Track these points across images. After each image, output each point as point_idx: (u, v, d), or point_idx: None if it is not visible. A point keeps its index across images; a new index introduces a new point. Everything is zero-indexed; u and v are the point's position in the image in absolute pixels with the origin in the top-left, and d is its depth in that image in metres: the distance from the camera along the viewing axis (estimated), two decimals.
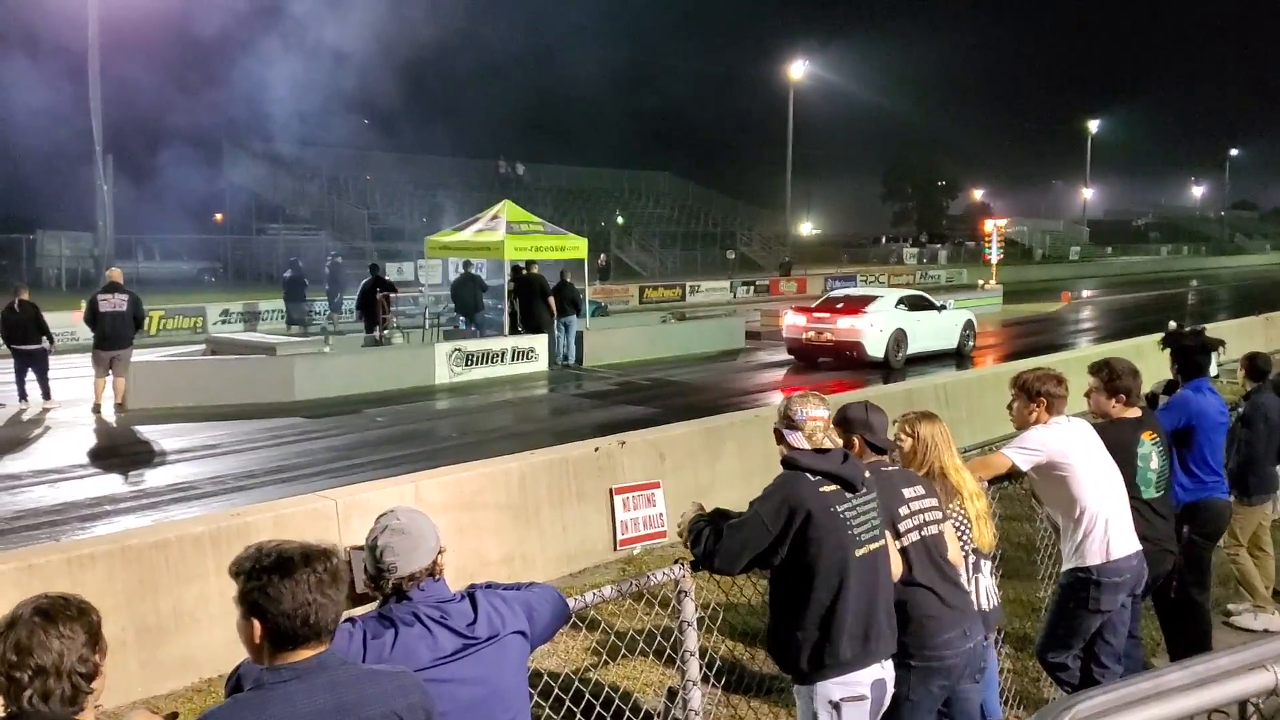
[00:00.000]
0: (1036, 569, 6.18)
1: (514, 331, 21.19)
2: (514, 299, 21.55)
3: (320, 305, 29.94)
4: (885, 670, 3.75)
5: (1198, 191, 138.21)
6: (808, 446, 3.78)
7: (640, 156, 74.88)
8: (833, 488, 3.70)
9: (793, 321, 21.68)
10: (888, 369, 20.24)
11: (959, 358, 22.41)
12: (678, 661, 3.94)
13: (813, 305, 22.69)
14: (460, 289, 22.72)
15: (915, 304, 22.02)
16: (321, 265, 32.42)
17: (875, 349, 20.35)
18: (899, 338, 20.70)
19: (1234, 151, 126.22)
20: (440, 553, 2.88)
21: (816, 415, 3.82)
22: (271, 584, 2.33)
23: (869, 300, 21.57)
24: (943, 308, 22.81)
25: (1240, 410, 6.62)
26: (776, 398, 17.47)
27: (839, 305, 21.55)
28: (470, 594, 2.94)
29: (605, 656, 5.93)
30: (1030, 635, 5.87)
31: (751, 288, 45.80)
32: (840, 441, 3.85)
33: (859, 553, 3.68)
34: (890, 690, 3.80)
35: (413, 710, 2.46)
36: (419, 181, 56.36)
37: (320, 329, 26.16)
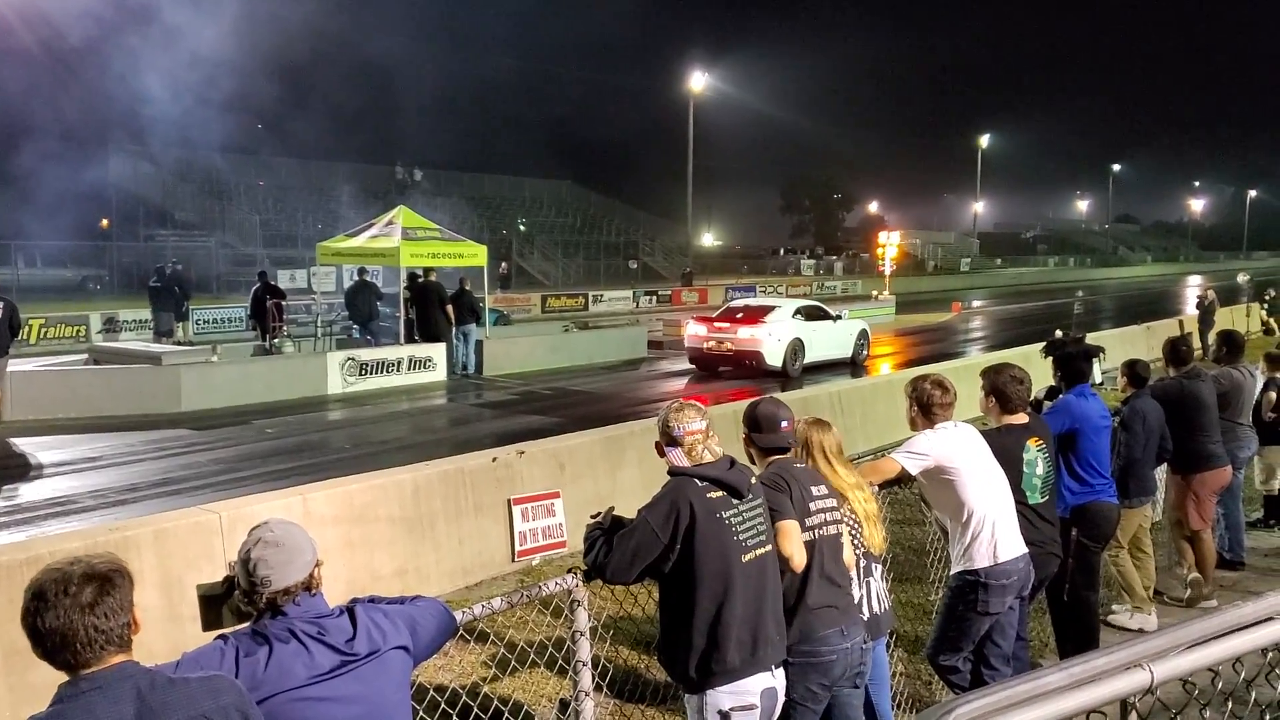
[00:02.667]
0: (927, 572, 6.27)
1: (410, 340, 20.86)
2: (410, 307, 21.23)
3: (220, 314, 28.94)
4: (776, 679, 3.74)
5: (1083, 205, 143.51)
6: (687, 463, 3.77)
7: (541, 165, 74.69)
8: (719, 493, 3.69)
9: (694, 331, 21.98)
10: (785, 377, 20.66)
11: (853, 366, 22.96)
12: (569, 672, 3.88)
13: (713, 315, 23.02)
14: (354, 296, 22.30)
15: (811, 314, 22.51)
16: (206, 271, 31.30)
17: (774, 358, 20.79)
18: (796, 347, 21.19)
19: (1117, 167, 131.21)
20: (317, 566, 2.78)
21: (695, 429, 3.80)
22: (34, 609, 2.34)
23: (767, 310, 21.99)
24: (838, 318, 23.33)
25: (1121, 415, 6.81)
26: None
27: (739, 315, 21.86)
28: (350, 609, 2.84)
29: (496, 670, 5.83)
30: (922, 638, 5.94)
31: (654, 297, 45.97)
32: (720, 451, 3.83)
33: (745, 558, 3.67)
34: (780, 699, 3.79)
35: (224, 711, 2.37)
36: (313, 187, 55.36)
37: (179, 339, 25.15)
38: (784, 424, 4.24)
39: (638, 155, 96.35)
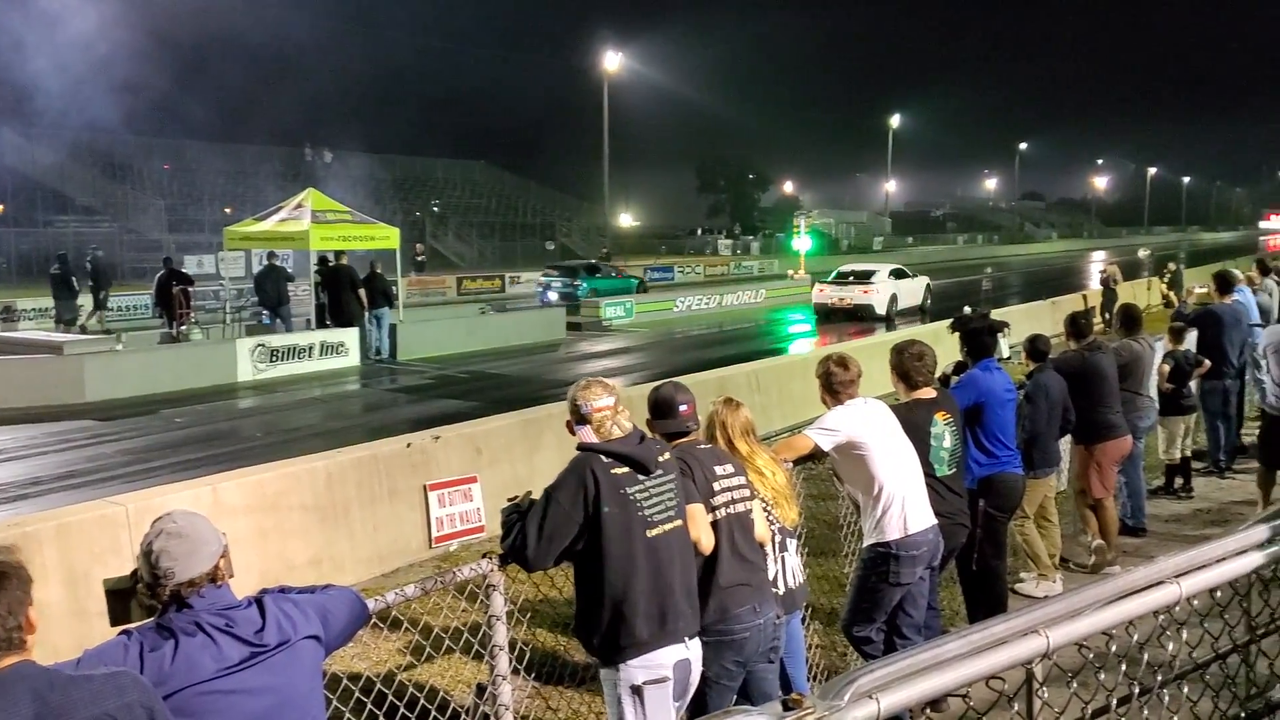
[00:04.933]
0: (841, 545, 6.37)
1: (322, 325, 20.54)
2: (322, 291, 20.88)
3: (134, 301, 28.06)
4: (690, 650, 3.77)
5: (990, 183, 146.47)
6: (596, 440, 3.77)
7: (454, 146, 73.91)
8: (624, 470, 3.70)
9: (820, 292, 29.17)
10: (888, 320, 27.43)
11: (922, 313, 29.26)
12: (486, 657, 3.86)
13: (828, 281, 29.64)
14: (263, 281, 21.85)
15: (898, 274, 29.89)
16: (110, 258, 30.38)
17: (880, 308, 27.95)
18: (892, 299, 28.55)
19: (1023, 145, 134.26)
20: (223, 557, 2.72)
21: (603, 405, 3.81)
22: None
23: (871, 274, 29.41)
24: (915, 276, 30.54)
25: (1025, 389, 6.98)
26: None
27: (850, 279, 29.14)
28: (258, 600, 2.79)
29: (413, 657, 5.80)
30: (837, 610, 6.04)
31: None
32: (629, 426, 3.85)
33: (651, 534, 3.69)
34: (696, 670, 3.83)
35: (129, 709, 2.30)
36: (220, 170, 53.99)
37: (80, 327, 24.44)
38: (683, 408, 4.26)
39: (552, 135, 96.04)
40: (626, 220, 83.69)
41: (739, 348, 22.72)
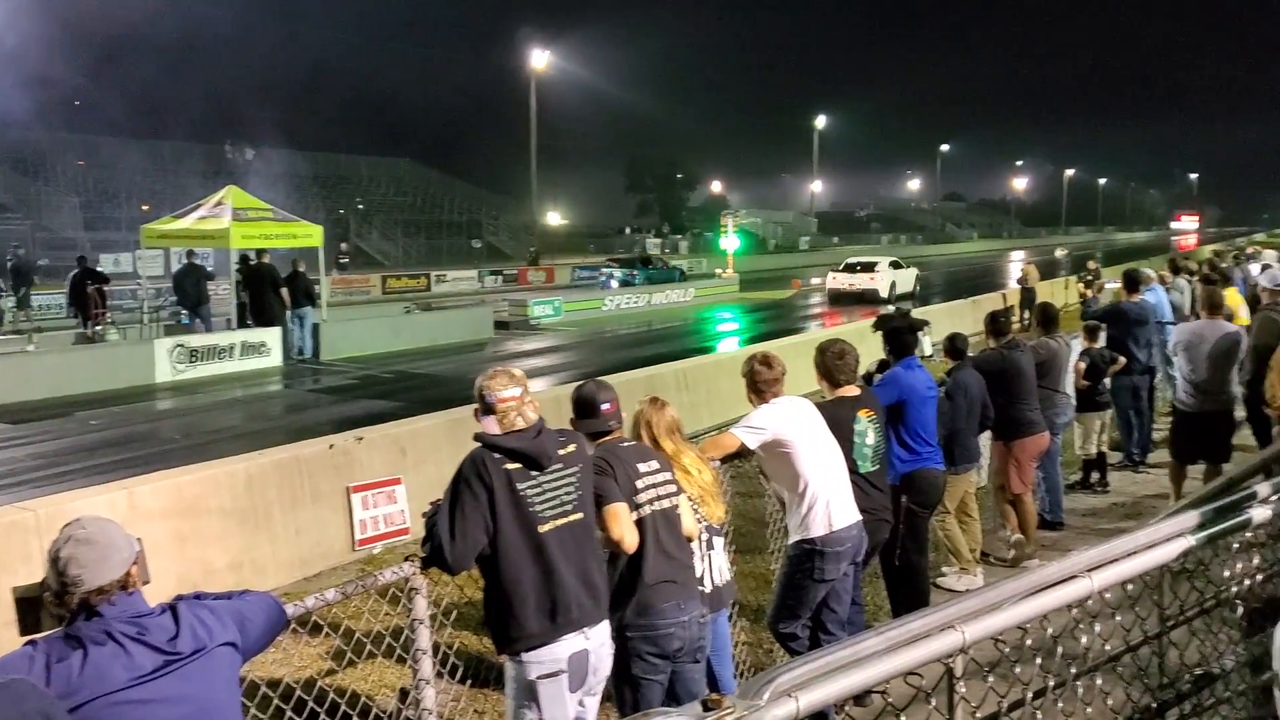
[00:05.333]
0: (767, 542, 6.41)
1: (243, 325, 20.17)
2: (243, 290, 20.50)
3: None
4: (589, 641, 3.76)
5: (913, 184, 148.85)
6: (498, 430, 3.75)
7: (379, 143, 73.01)
8: (515, 465, 3.69)
9: (833, 280, 34.89)
10: (889, 302, 30.85)
11: (913, 298, 34.02)
12: (409, 661, 3.82)
13: (840, 266, 36.02)
14: (183, 280, 21.42)
15: (895, 265, 35.99)
16: (28, 256, 29.52)
17: (884, 292, 33.34)
18: (892, 285, 34.16)
19: (944, 147, 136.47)
20: (135, 563, 2.64)
21: (508, 396, 3.79)
22: None
23: (874, 265, 35.37)
24: (908, 267, 37.00)
25: (945, 387, 7.09)
26: (532, 386, 17.43)
27: (858, 268, 35.22)
28: (172, 607, 2.72)
29: (335, 662, 5.71)
30: (764, 607, 6.06)
31: (500, 277, 45.54)
32: (534, 418, 3.82)
33: (544, 529, 3.69)
34: (602, 659, 3.82)
35: (25, 718, 2.23)
36: (137, 167, 52.66)
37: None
38: (605, 406, 4.26)
39: (479, 133, 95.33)
40: (555, 219, 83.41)
41: (668, 346, 22.82)
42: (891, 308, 13.51)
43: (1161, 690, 2.67)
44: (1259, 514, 2.66)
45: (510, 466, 3.67)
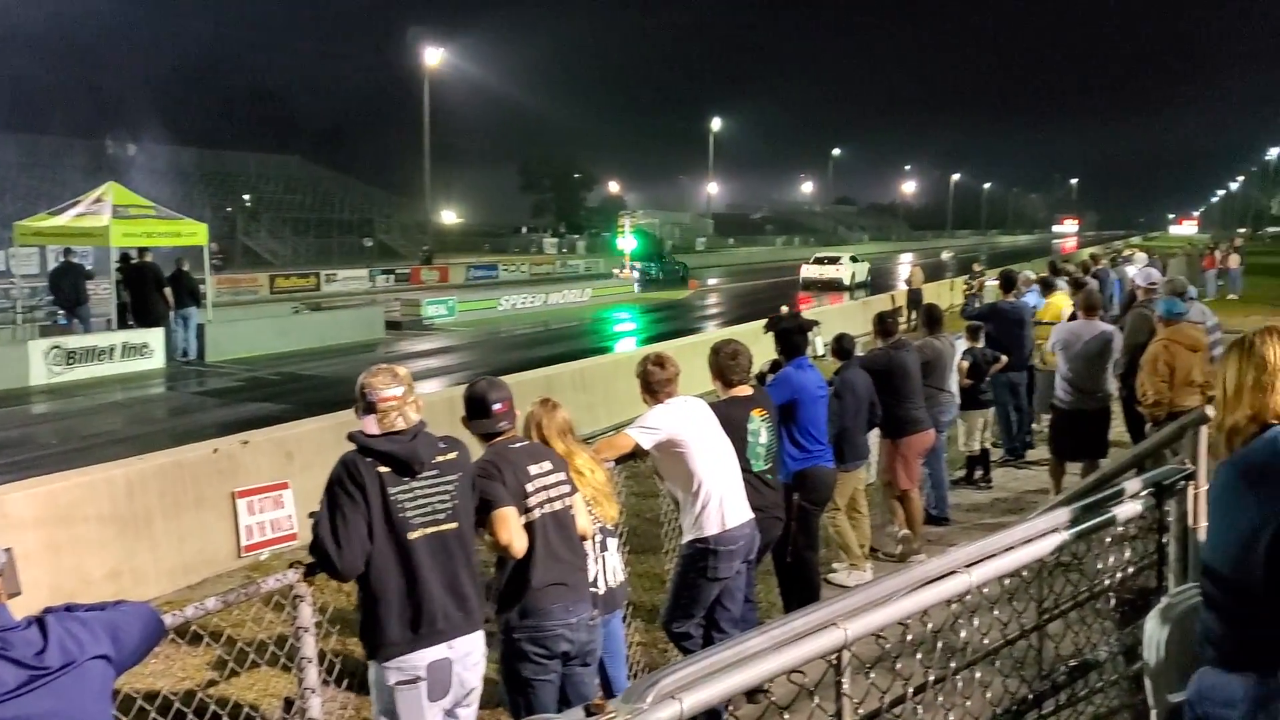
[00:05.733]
0: (662, 542, 6.43)
1: (124, 325, 19.50)
2: (124, 290, 19.82)
3: None
4: (453, 651, 3.71)
5: (806, 187, 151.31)
6: (377, 431, 3.68)
7: (269, 140, 71.25)
8: (387, 469, 3.63)
9: (806, 269, 43.08)
10: (849, 289, 39.05)
11: (867, 286, 40.26)
12: (294, 669, 3.72)
13: (811, 260, 44.61)
14: (60, 279, 20.59)
15: (854, 259, 44.44)
16: None
17: (846, 280, 41.29)
18: (853, 275, 41.98)
19: (836, 151, 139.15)
20: (1, 574, 2.52)
21: (390, 395, 3.71)
22: None
23: (839, 258, 44.46)
24: (861, 261, 45.37)
25: (833, 386, 7.20)
26: (423, 387, 17.20)
27: (825, 260, 44.23)
28: (39, 619, 2.59)
29: (216, 672, 5.54)
30: (660, 607, 6.08)
31: (392, 276, 44.81)
32: (415, 419, 3.75)
33: (413, 536, 3.63)
34: (470, 671, 3.77)
35: None
36: (11, 163, 50.40)
37: None
38: (496, 406, 4.19)
39: (371, 131, 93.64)
40: (449, 217, 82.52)
41: (565, 346, 22.74)
42: (784, 309, 13.70)
43: (1038, 681, 2.75)
44: (1124, 511, 2.76)
45: (382, 470, 3.60)
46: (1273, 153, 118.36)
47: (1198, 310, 9.02)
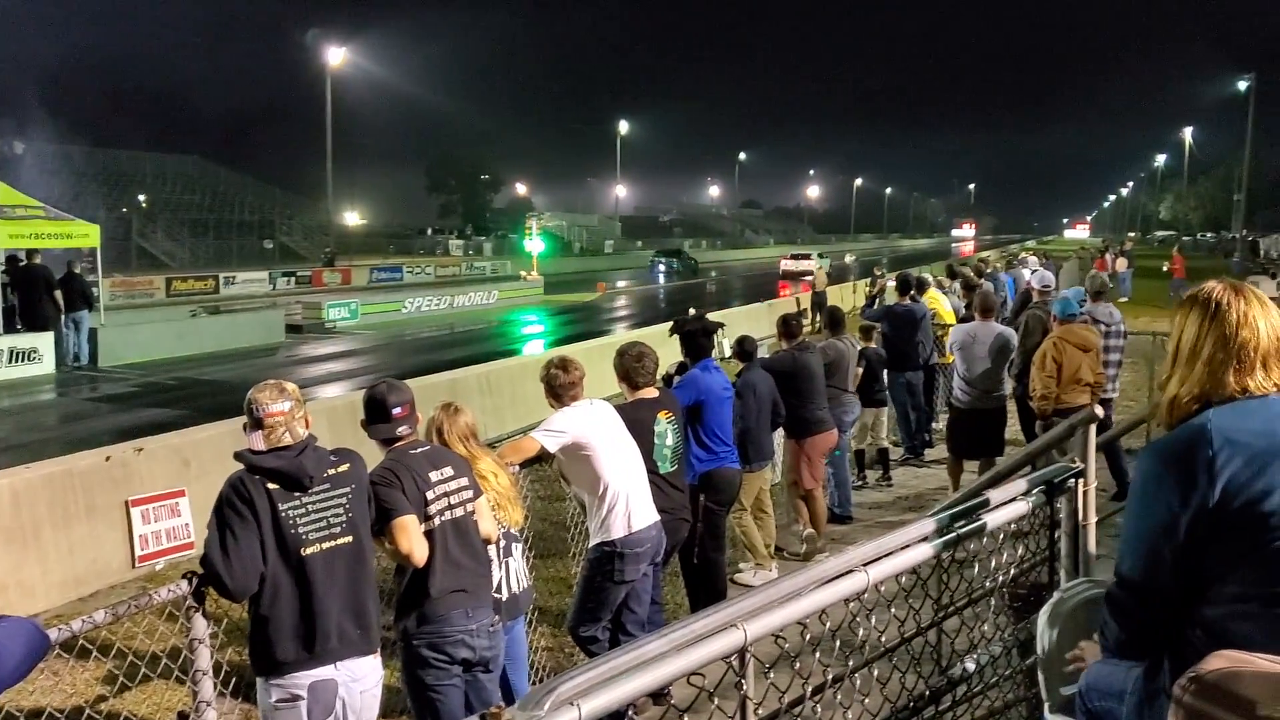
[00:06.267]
0: (569, 546, 6.41)
1: (12, 330, 18.78)
2: (11, 293, 19.12)
3: None
4: (339, 672, 3.62)
5: (714, 191, 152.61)
6: (263, 447, 3.59)
7: (166, 139, 69.35)
8: (276, 486, 3.55)
9: (785, 263, 51.51)
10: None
11: (829, 278, 40.87)
12: (188, 682, 3.61)
13: (789, 256, 53.74)
14: None
15: (821, 256, 52.65)
16: None
17: (814, 270, 39.96)
18: (820, 268, 40.47)
19: (742, 156, 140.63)
20: None
21: (277, 410, 3.62)
22: None
23: (809, 255, 52.85)
24: (825, 257, 52.90)
25: (736, 387, 7.26)
26: (325, 391, 16.89)
27: (799, 256, 53.21)
28: None
29: (108, 687, 5.36)
30: (567, 611, 6.06)
31: (293, 279, 43.95)
32: (302, 434, 3.67)
33: (308, 551, 3.56)
34: (356, 697, 3.67)
35: None
36: None
37: None
38: (396, 410, 4.11)
39: (272, 130, 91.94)
40: (353, 219, 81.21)
41: (471, 349, 22.55)
42: (693, 310, 13.78)
43: (936, 677, 2.80)
44: (1015, 509, 2.83)
45: (271, 487, 3.53)
46: (1160, 160, 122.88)
47: (1105, 310, 9.23)
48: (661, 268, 54.92)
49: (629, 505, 5.10)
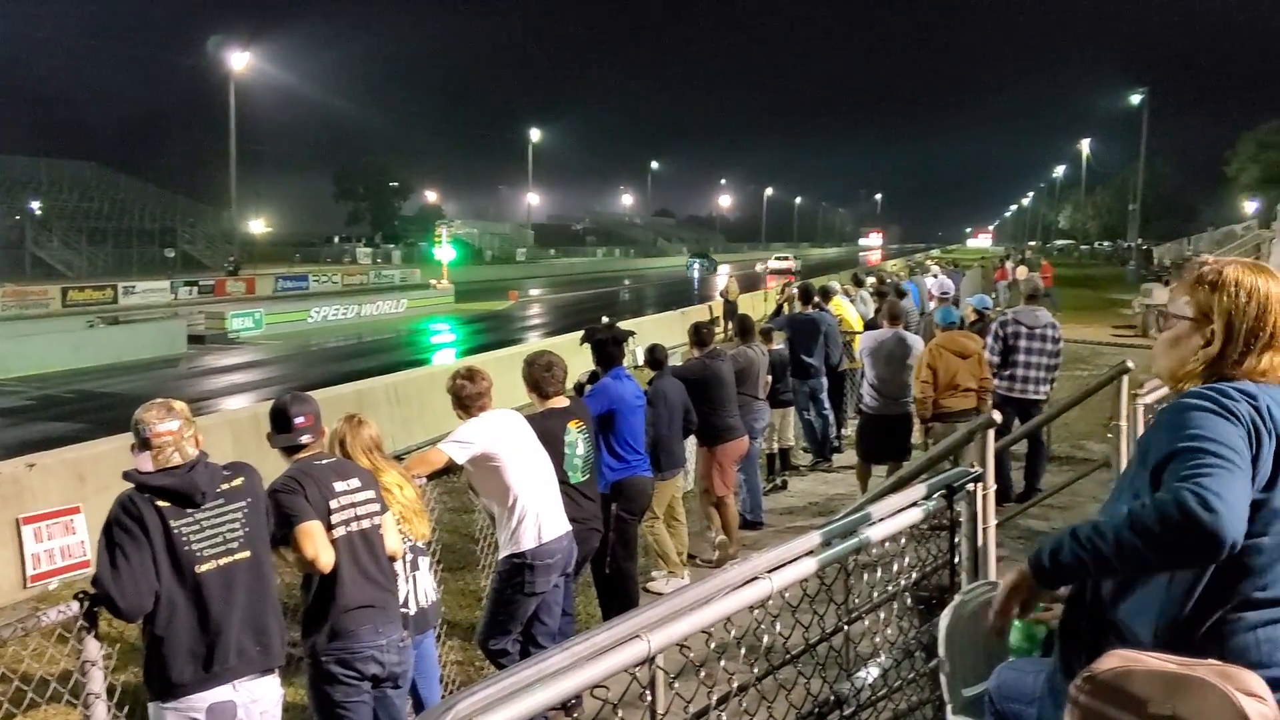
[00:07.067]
0: (479, 558, 6.34)
1: None
2: None
3: None
4: (238, 693, 3.54)
5: (627, 199, 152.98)
6: (151, 468, 3.50)
7: (62, 145, 67.17)
8: (167, 504, 3.47)
9: (770, 264, 64.10)
10: (798, 274, 46.05)
11: (796, 274, 48.55)
12: (79, 706, 3.48)
13: (773, 257, 73.55)
14: None
15: (795, 257, 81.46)
16: None
17: (794, 269, 60.82)
18: (799, 265, 67.17)
19: (655, 164, 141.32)
20: None
21: (165, 429, 3.53)
22: None
23: (789, 256, 79.00)
24: (799, 259, 78.29)
25: (647, 395, 7.27)
26: (228, 403, 16.51)
27: (783, 257, 77.03)
28: None
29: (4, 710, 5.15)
30: (477, 624, 5.99)
31: (195, 288, 42.99)
32: (192, 452, 3.57)
33: (204, 569, 3.48)
34: (257, 711, 3.58)
35: None
36: None
37: None
38: (299, 420, 4.07)
39: (174, 137, 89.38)
40: (258, 227, 79.56)
41: (379, 359, 22.26)
42: (606, 319, 13.80)
43: (841, 681, 2.83)
44: (916, 513, 2.87)
45: (161, 504, 3.43)
46: (1059, 171, 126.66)
47: (1030, 314, 9.21)
48: (697, 266, 69.88)
49: (539, 516, 5.07)
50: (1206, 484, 1.86)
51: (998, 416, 3.41)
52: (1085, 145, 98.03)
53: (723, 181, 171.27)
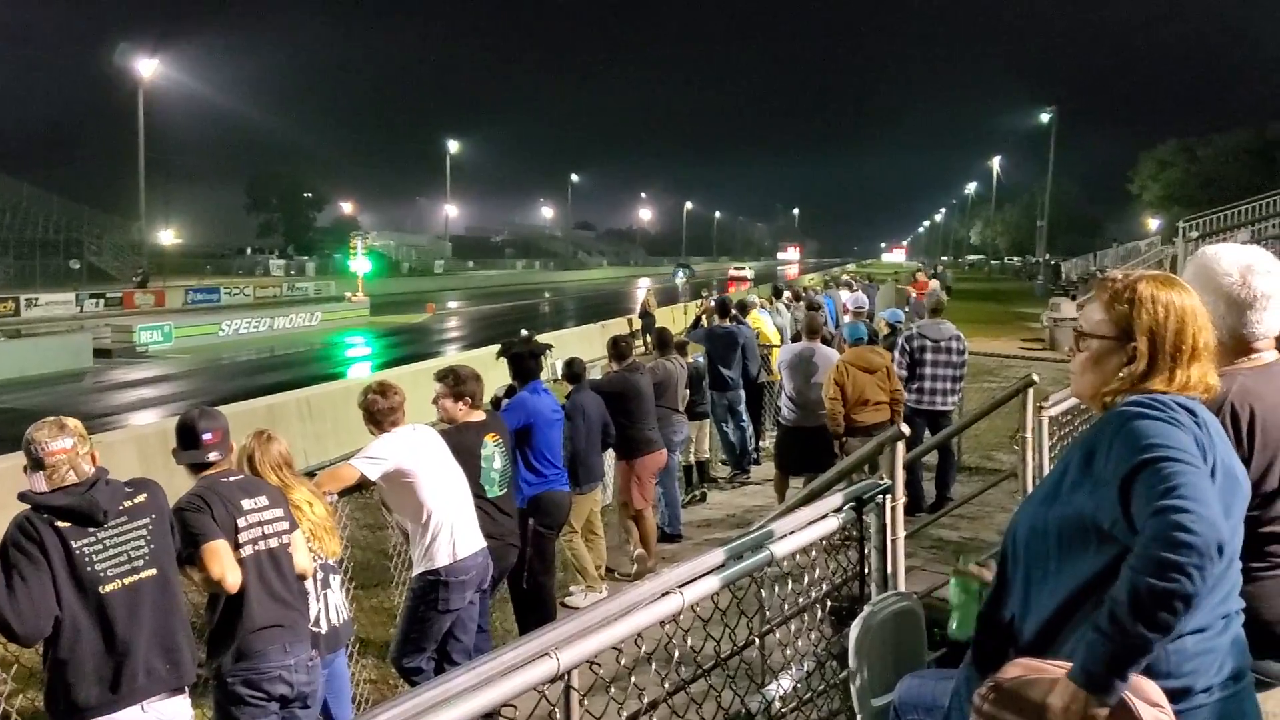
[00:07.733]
0: (392, 575, 6.26)
1: None
2: None
3: None
4: (146, 713, 3.45)
5: (547, 212, 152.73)
6: (46, 488, 3.40)
7: None
8: (68, 524, 3.37)
9: (731, 272, 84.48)
10: (753, 281, 60.58)
11: (754, 281, 59.36)
12: None
13: (732, 267, 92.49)
14: None
15: (750, 266, 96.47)
16: None
17: (750, 277, 72.57)
18: (754, 273, 79.85)
19: (575, 177, 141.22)
20: None
21: (58, 448, 3.43)
22: None
23: (745, 266, 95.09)
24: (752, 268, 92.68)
25: (565, 409, 7.25)
26: (135, 419, 16.06)
27: (740, 267, 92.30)
28: None
29: None
30: (390, 642, 5.90)
31: (102, 301, 41.83)
32: (89, 470, 3.48)
33: (108, 589, 3.39)
34: None
35: None
36: None
37: None
38: (206, 436, 3.98)
39: (79, 145, 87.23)
40: (167, 238, 77.71)
41: (292, 373, 21.87)
42: (525, 331, 13.75)
43: (754, 693, 2.84)
44: (827, 525, 2.90)
45: (62, 525, 3.33)
46: (971, 187, 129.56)
47: (934, 327, 9.32)
48: (680, 274, 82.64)
49: (453, 532, 5.02)
50: (1187, 502, 1.79)
51: (906, 429, 3.45)
52: (996, 162, 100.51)
53: (643, 195, 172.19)
